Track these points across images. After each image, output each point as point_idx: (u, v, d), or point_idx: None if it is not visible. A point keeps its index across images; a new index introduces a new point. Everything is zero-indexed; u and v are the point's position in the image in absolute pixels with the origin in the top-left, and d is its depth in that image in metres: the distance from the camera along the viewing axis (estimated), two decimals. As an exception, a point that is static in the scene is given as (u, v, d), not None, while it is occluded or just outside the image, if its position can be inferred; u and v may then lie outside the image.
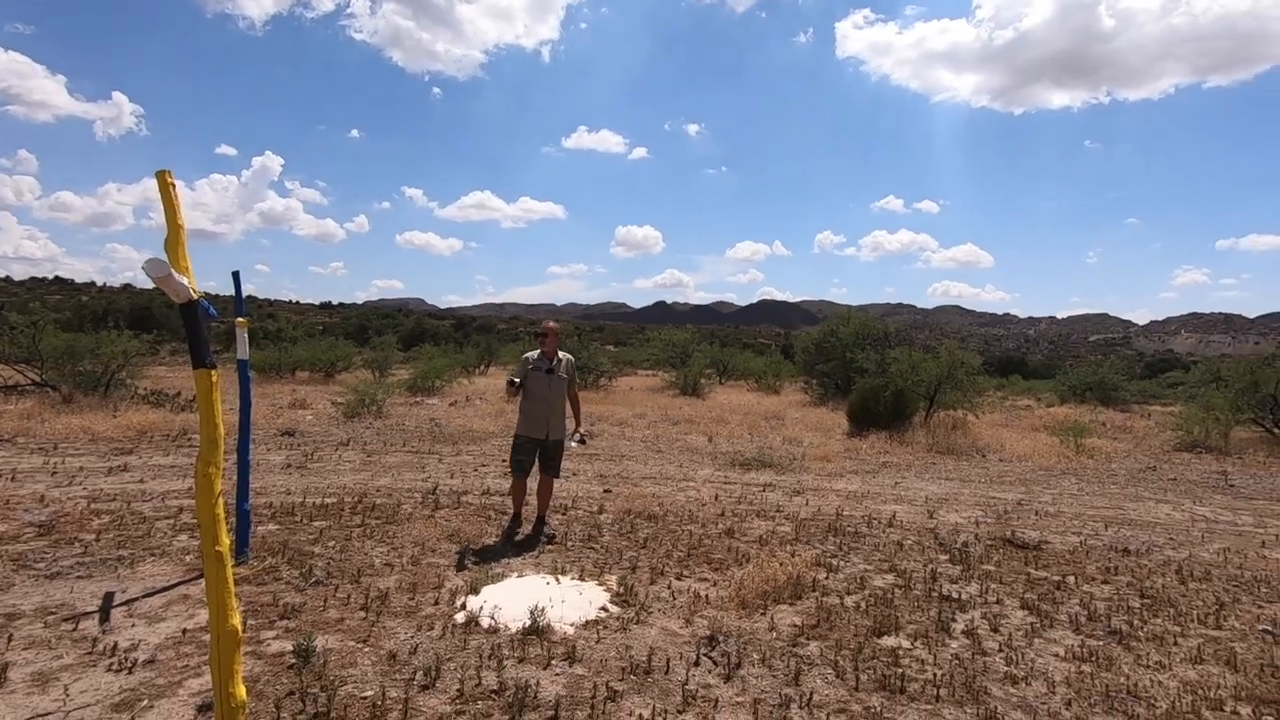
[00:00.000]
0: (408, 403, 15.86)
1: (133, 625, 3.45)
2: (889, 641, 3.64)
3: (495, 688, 2.90)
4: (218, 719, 1.82)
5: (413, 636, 3.41)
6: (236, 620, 1.86)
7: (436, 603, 3.87)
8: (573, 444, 5.47)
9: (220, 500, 1.92)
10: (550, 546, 5.08)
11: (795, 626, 3.75)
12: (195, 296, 1.90)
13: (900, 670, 3.27)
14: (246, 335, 4.33)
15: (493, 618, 3.64)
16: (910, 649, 3.56)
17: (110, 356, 12.47)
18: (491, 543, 5.12)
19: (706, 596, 4.13)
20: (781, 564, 4.61)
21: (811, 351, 21.22)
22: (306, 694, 2.78)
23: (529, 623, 3.52)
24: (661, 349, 26.65)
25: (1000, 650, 3.60)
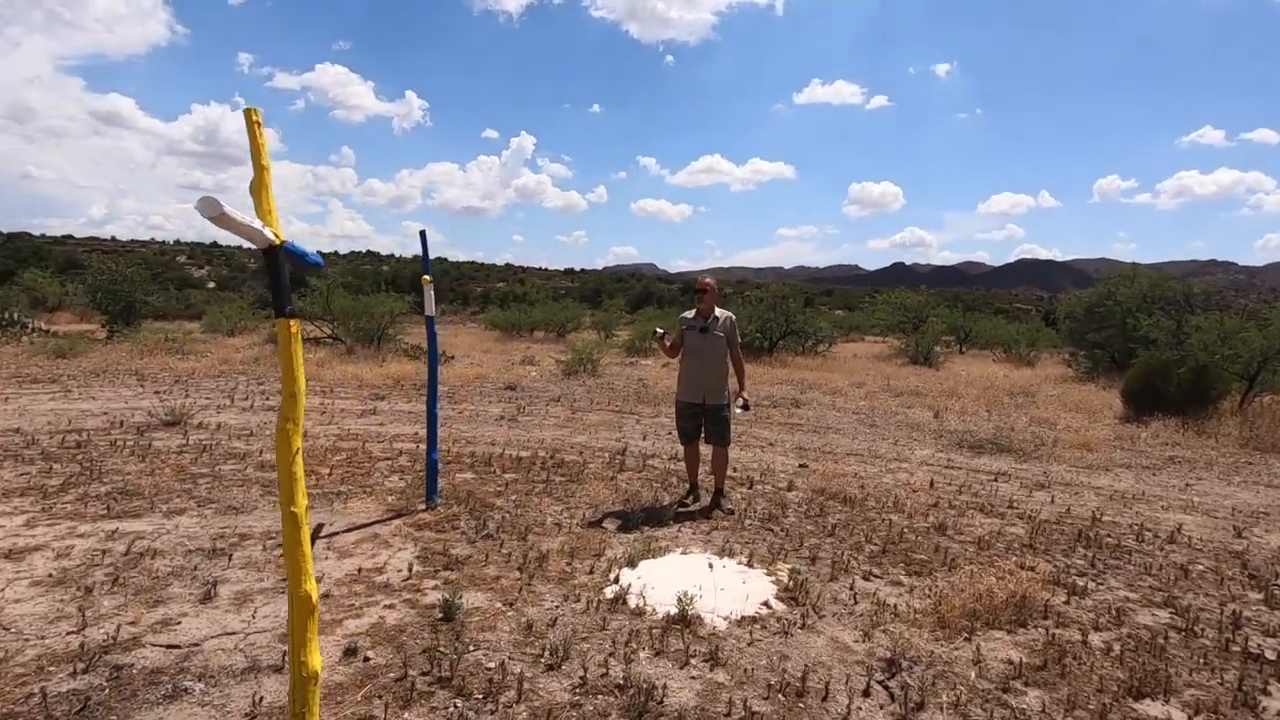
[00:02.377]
0: (623, 363, 16.39)
1: (325, 558, 3.77)
2: (1152, 709, 2.67)
3: (620, 682, 2.61)
4: (291, 687, 1.74)
5: (557, 607, 3.26)
6: (311, 586, 1.75)
7: (591, 571, 3.70)
8: (737, 410, 4.95)
9: (299, 457, 1.80)
10: (725, 523, 4.68)
11: (1010, 664, 2.93)
12: (276, 242, 1.78)
13: (1166, 755, 2.35)
14: (433, 293, 4.49)
15: (642, 597, 3.36)
16: (1186, 724, 2.58)
17: (379, 315, 14.56)
18: (664, 512, 4.86)
19: (895, 606, 3.43)
20: (1003, 576, 3.71)
21: (1080, 317, 17.78)
22: (437, 655, 2.73)
23: (676, 610, 3.18)
24: (890, 313, 24.44)
25: (1346, 753, 2.45)
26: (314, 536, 4.01)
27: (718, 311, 5.09)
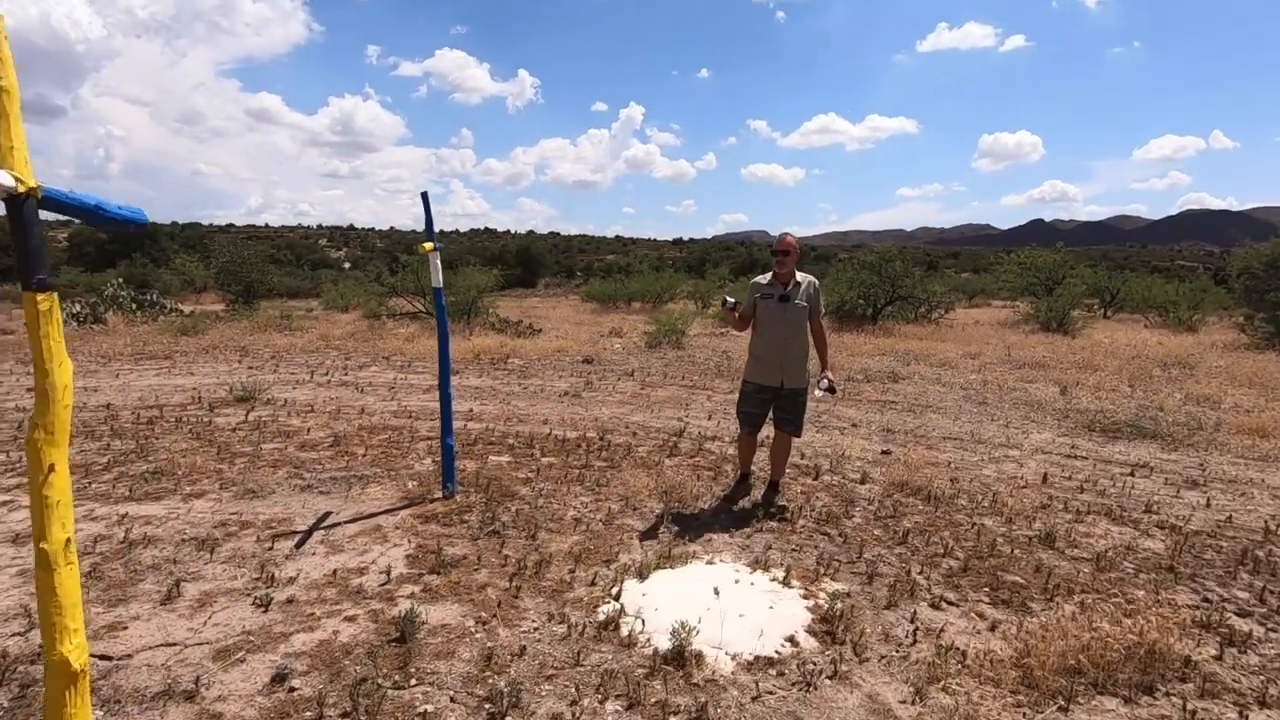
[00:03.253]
0: (713, 333, 15.65)
1: (313, 553, 3.47)
2: None
3: (570, 747, 2.06)
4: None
5: (534, 630, 2.75)
6: (70, 647, 1.32)
7: (593, 583, 3.17)
8: (818, 392, 4.18)
9: (51, 479, 1.36)
10: (773, 523, 3.99)
11: (1122, 755, 2.10)
12: (19, 189, 1.32)
13: None
14: (439, 262, 4.05)
15: (640, 620, 2.78)
16: None
17: (465, 289, 14.66)
18: (705, 507, 4.23)
19: (966, 651, 2.65)
20: (1126, 613, 2.81)
21: (1259, 273, 15.00)
22: (367, 690, 2.30)
23: (671, 644, 2.57)
24: (1019, 274, 21.94)
25: None
26: (310, 531, 3.74)
27: (799, 276, 4.27)
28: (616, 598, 3.00)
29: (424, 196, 3.95)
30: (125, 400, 7.32)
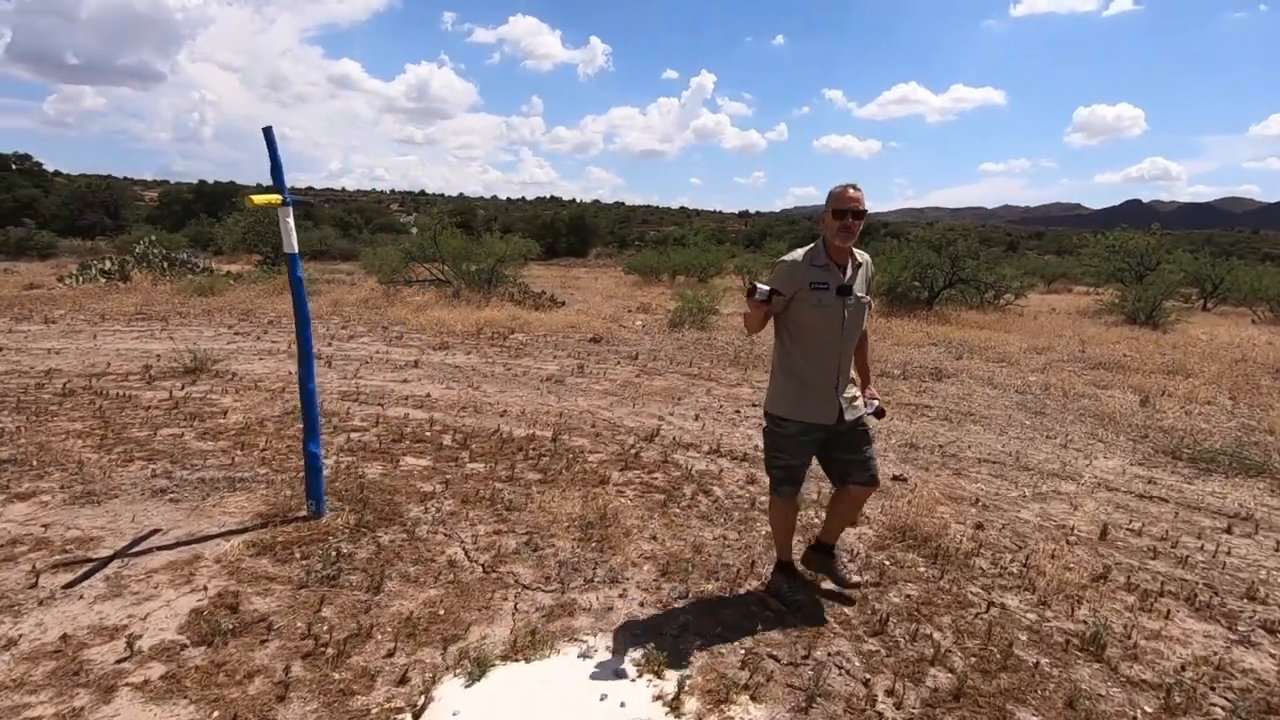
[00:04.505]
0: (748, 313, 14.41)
1: (81, 597, 2.67)
2: None
3: None
4: None
5: (259, 770, 1.85)
6: None
7: (403, 679, 2.24)
8: (866, 411, 2.90)
9: None
10: (848, 611, 2.96)
11: None
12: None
13: None
14: (292, 221, 3.12)
15: (426, 767, 1.84)
16: None
17: (486, 257, 13.87)
18: (638, 550, 3.24)
19: None
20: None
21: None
22: None
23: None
24: (1105, 258, 19.65)
25: None
26: (114, 556, 2.95)
27: (858, 255, 2.77)
28: (418, 717, 2.07)
29: (267, 133, 3.01)
30: (78, 365, 6.83)
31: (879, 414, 2.83)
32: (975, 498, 4.21)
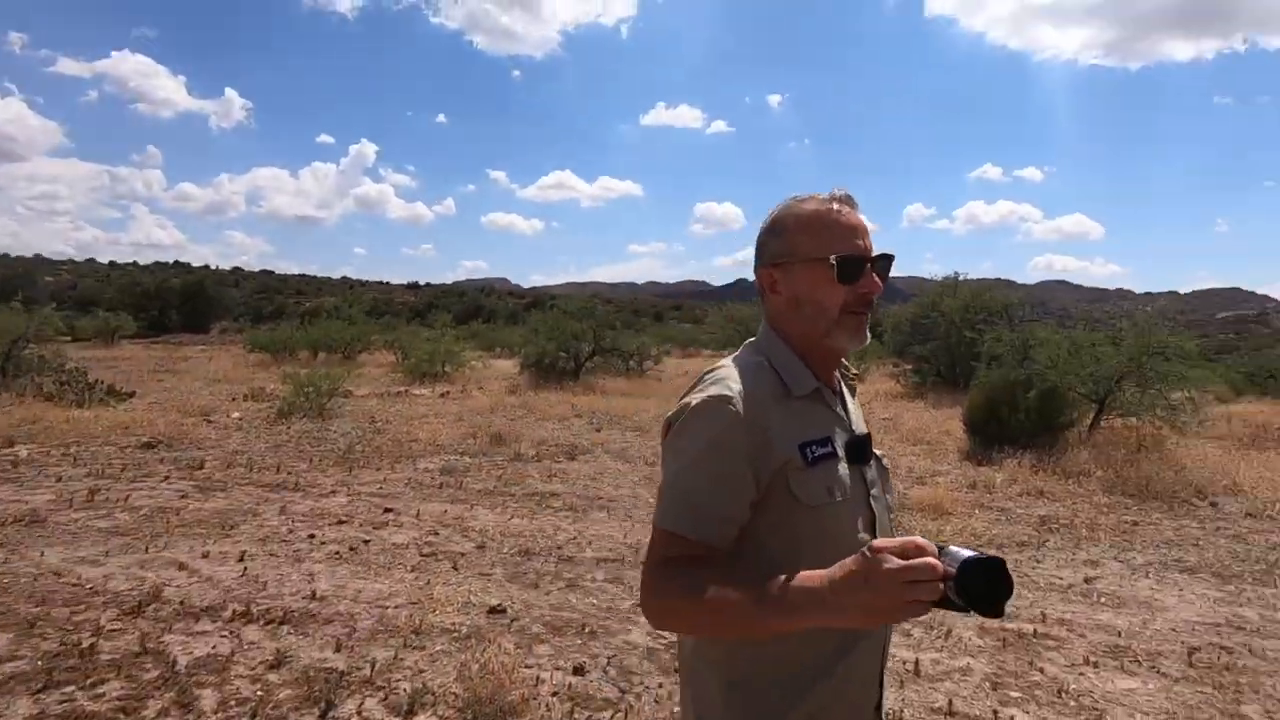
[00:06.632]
0: (389, 393, 12.80)
1: None
2: None
3: None
4: None
5: None
6: None
7: None
8: None
9: None
10: None
11: None
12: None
13: None
14: None
15: None
16: None
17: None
18: None
19: None
20: None
21: (905, 330, 16.87)
22: None
23: None
24: (723, 325, 22.82)
25: None
26: None
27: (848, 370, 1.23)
28: None
29: None
30: None
31: None
32: (583, 623, 3.47)
